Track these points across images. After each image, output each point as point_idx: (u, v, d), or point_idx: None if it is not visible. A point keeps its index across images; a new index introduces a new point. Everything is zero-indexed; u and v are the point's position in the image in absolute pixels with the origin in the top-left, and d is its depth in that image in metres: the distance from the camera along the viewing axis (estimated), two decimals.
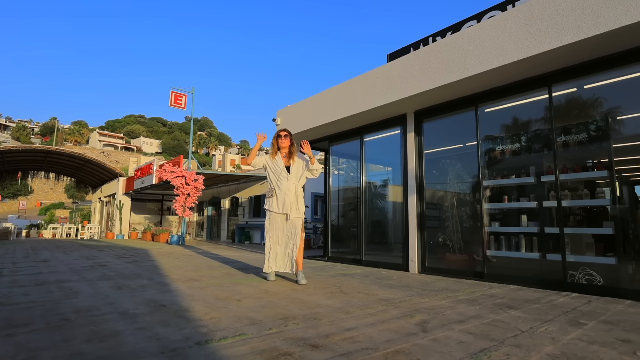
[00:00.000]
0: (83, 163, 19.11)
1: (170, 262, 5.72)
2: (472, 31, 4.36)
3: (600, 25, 3.29)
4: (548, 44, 3.63)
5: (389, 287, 3.69)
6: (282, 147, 3.90)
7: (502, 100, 4.63)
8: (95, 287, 3.36)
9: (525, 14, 3.85)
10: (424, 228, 5.32)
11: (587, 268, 3.71)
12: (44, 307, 2.54)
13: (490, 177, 4.75)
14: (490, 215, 4.70)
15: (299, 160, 3.92)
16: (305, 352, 1.67)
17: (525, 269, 4.28)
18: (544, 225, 4.17)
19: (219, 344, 1.77)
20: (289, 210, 3.75)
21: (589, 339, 1.96)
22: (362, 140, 6.56)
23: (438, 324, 2.22)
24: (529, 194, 4.40)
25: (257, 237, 14.89)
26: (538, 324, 2.28)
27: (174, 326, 2.07)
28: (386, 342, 1.84)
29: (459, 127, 5.28)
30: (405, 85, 5.10)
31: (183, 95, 12.77)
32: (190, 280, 3.82)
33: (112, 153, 75.42)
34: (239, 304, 2.71)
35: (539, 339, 1.94)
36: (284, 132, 3.93)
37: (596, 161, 3.89)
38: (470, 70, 4.29)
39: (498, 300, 3.07)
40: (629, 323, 2.34)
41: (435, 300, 3.02)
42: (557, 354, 1.70)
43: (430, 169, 5.50)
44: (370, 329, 2.09)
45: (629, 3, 3.16)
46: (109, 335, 1.90)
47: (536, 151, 4.39)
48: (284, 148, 3.90)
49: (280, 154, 3.92)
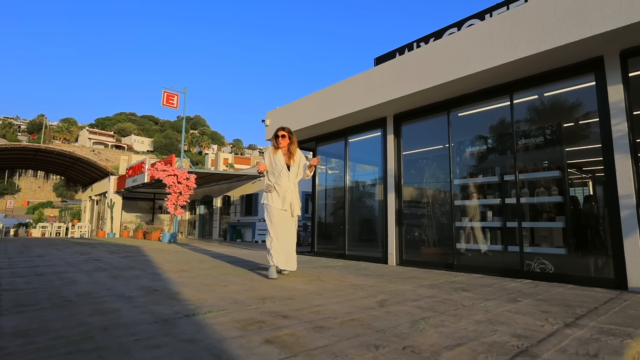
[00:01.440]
0: (73, 161, 19.15)
1: (162, 257, 6.01)
2: (442, 43, 4.74)
3: (549, 41, 3.69)
4: (506, 56, 4.02)
5: (364, 275, 4.05)
6: (282, 147, 3.95)
7: (472, 106, 5.02)
8: (92, 277, 3.65)
9: (488, 29, 4.24)
10: (401, 224, 5.70)
11: (541, 258, 4.12)
12: (47, 292, 2.83)
13: (460, 176, 5.14)
14: (460, 212, 5.09)
15: (298, 159, 3.99)
16: (276, 321, 2.01)
17: (490, 260, 4.67)
18: (506, 220, 4.57)
19: (204, 316, 2.10)
20: (290, 206, 3.81)
21: (516, 311, 2.33)
22: (347, 141, 6.92)
23: (395, 302, 2.58)
24: (494, 192, 4.80)
25: (248, 235, 15.17)
26: (481, 301, 2.65)
27: (165, 304, 2.39)
28: (346, 314, 2.19)
29: (434, 130, 5.66)
30: (384, 91, 5.46)
31: (175, 95, 12.99)
32: (181, 271, 4.13)
33: (103, 151, 74.71)
34: (225, 288, 3.04)
35: (474, 311, 2.31)
36: (281, 132, 3.96)
37: (551, 162, 4.30)
38: (440, 78, 4.66)
39: (457, 285, 3.45)
40: (558, 300, 2.73)
41: (401, 285, 3.39)
42: (482, 320, 2.07)
43: (408, 169, 5.87)
44: (336, 305, 2.44)
45: (573, 23, 3.56)
46: (109, 311, 2.21)
47: (500, 153, 4.78)
48: (283, 147, 3.95)
49: (281, 151, 3.95)
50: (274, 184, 3.85)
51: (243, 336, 1.71)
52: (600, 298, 2.90)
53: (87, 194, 23.26)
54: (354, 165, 7.02)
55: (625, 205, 3.56)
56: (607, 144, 3.71)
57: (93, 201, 22.25)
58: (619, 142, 3.64)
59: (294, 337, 1.71)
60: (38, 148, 17.57)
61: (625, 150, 3.60)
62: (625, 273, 3.50)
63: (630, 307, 2.57)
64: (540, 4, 3.85)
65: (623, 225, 3.56)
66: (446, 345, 1.62)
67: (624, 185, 3.58)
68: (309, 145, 7.97)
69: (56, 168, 21.29)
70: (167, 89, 12.62)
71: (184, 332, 1.77)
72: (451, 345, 1.62)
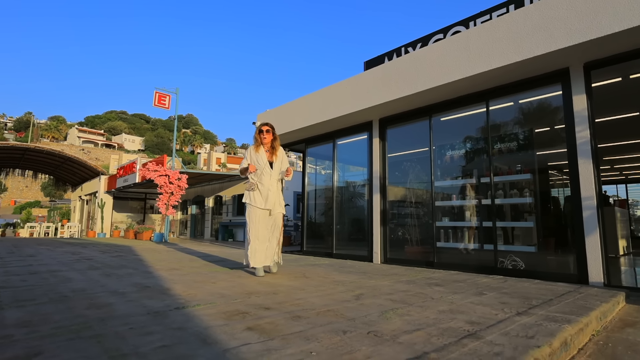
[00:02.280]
0: (63, 161, 19.04)
1: (153, 256, 6.15)
2: (423, 52, 4.98)
3: (520, 53, 3.96)
4: (481, 66, 4.28)
5: (347, 273, 4.27)
6: (265, 143, 3.88)
7: (451, 112, 5.28)
8: (86, 275, 3.81)
9: (465, 40, 4.49)
10: (386, 223, 5.94)
11: (513, 255, 4.39)
12: (42, 288, 2.99)
13: (441, 178, 5.40)
14: (441, 212, 5.34)
15: (281, 156, 3.94)
16: (259, 312, 2.21)
17: (467, 258, 4.93)
18: (482, 220, 4.83)
19: (193, 309, 2.29)
20: (273, 205, 3.78)
21: (478, 302, 2.57)
22: (335, 143, 7.14)
23: (370, 295, 2.80)
24: (472, 193, 5.06)
25: (240, 235, 15.30)
26: (449, 294, 2.89)
27: (157, 299, 2.58)
28: (323, 306, 2.40)
29: (417, 134, 5.91)
30: (370, 96, 5.69)
31: (167, 96, 13.07)
32: (172, 270, 4.30)
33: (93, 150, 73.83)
34: (214, 285, 3.23)
35: (440, 303, 2.54)
36: (265, 126, 3.90)
37: (523, 166, 4.57)
38: (422, 85, 4.91)
39: (432, 281, 3.69)
40: (520, 294, 2.98)
41: (380, 281, 3.61)
42: (445, 310, 2.30)
43: (393, 171, 6.12)
44: (316, 299, 2.65)
45: (540, 37, 3.83)
46: (104, 305, 2.39)
47: (477, 156, 5.05)
48: (266, 143, 3.89)
49: (263, 148, 3.90)
50: (257, 183, 3.80)
51: (227, 324, 1.91)
52: (559, 291, 3.16)
53: (77, 194, 23.11)
54: (342, 167, 7.25)
55: (587, 207, 3.84)
56: (572, 149, 3.99)
57: (83, 201, 22.13)
58: (582, 147, 3.92)
59: (273, 325, 1.92)
60: (27, 147, 17.45)
61: (588, 155, 3.88)
62: (587, 269, 3.79)
63: (582, 299, 2.83)
64: (512, 19, 4.11)
65: (585, 225, 3.84)
66: (406, 330, 1.84)
67: (586, 187, 3.86)
68: (299, 147, 8.17)
69: (45, 167, 21.13)
70: (159, 89, 12.70)
71: (174, 322, 1.96)
72: (410, 330, 1.84)
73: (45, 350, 1.49)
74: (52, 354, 1.44)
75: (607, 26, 3.45)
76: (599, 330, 2.32)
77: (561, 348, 1.74)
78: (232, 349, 1.53)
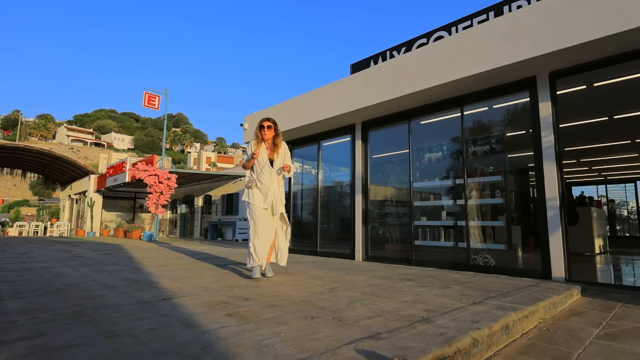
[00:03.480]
0: (53, 160, 18.95)
1: (143, 254, 6.32)
2: (402, 59, 5.24)
3: (489, 63, 4.24)
4: (455, 74, 4.55)
5: (327, 269, 4.51)
6: (266, 139, 3.72)
7: (429, 116, 5.55)
8: (78, 271, 3.98)
9: (440, 49, 4.76)
10: (367, 222, 6.19)
11: (484, 253, 4.68)
12: (39, 283, 3.17)
13: (419, 179, 5.67)
14: (419, 212, 5.61)
15: (283, 153, 3.77)
16: (239, 302, 2.44)
17: (442, 255, 5.21)
18: (457, 219, 5.11)
19: (179, 300, 2.50)
20: (273, 204, 3.63)
21: (441, 294, 2.83)
22: (320, 145, 7.37)
23: (344, 288, 3.04)
24: (448, 194, 5.34)
25: (229, 234, 15.45)
26: (417, 288, 3.15)
27: (146, 291, 2.79)
28: (298, 297, 2.64)
29: (397, 137, 6.16)
30: (352, 100, 5.94)
31: (157, 97, 13.16)
32: (161, 266, 4.50)
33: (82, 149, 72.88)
34: (200, 279, 3.44)
35: (406, 294, 2.80)
36: (267, 122, 3.72)
37: (495, 168, 4.86)
38: (400, 91, 5.17)
39: (406, 276, 3.95)
40: (482, 287, 3.26)
41: (356, 276, 3.86)
42: (408, 300, 2.55)
43: (374, 172, 6.37)
44: (293, 291, 2.88)
45: (508, 48, 4.11)
46: (97, 297, 2.59)
47: (453, 159, 5.33)
48: (267, 140, 3.73)
49: (264, 144, 3.74)
50: (256, 180, 3.67)
51: (209, 312, 2.13)
52: (519, 285, 3.45)
53: (66, 193, 22.97)
54: (327, 168, 7.49)
55: (551, 207, 4.14)
56: (538, 153, 4.28)
57: (72, 200, 22.02)
58: (547, 151, 4.22)
59: (250, 312, 2.15)
60: (16, 146, 17.34)
61: (552, 159, 4.18)
62: (550, 265, 4.08)
63: (537, 291, 3.11)
64: (483, 30, 4.39)
65: (549, 224, 4.13)
66: (368, 316, 2.08)
67: (550, 189, 4.16)
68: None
69: (35, 166, 20.97)
70: (149, 90, 12.79)
71: (162, 310, 2.18)
72: (371, 316, 2.09)
73: (48, 332, 1.70)
74: (54, 335, 1.65)
75: (567, 39, 3.73)
76: (546, 319, 2.59)
77: (502, 331, 2.00)
78: (211, 330, 1.76)
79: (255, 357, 1.41)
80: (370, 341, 1.62)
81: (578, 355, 1.84)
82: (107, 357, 1.39)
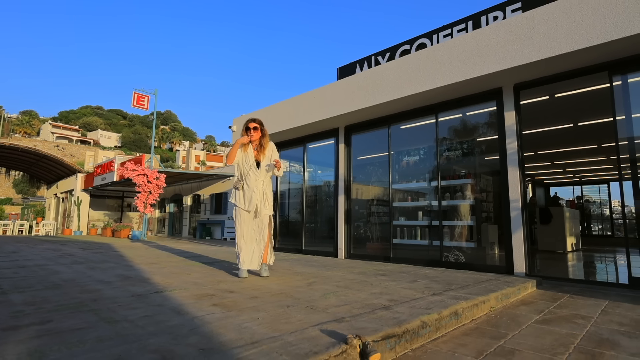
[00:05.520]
0: (39, 158, 18.79)
1: (133, 253, 6.52)
2: (381, 68, 5.56)
3: (460, 75, 4.59)
4: (429, 84, 4.89)
5: (310, 266, 4.80)
6: (253, 140, 3.78)
7: (407, 122, 5.89)
8: (72, 268, 4.20)
9: (416, 61, 5.09)
10: (350, 222, 6.51)
11: (456, 250, 5.04)
12: (35, 279, 3.38)
13: (398, 181, 6.01)
14: (398, 212, 5.96)
15: (269, 154, 3.81)
16: (224, 294, 2.71)
17: (418, 253, 5.56)
18: (432, 219, 5.47)
19: (170, 292, 2.77)
20: (256, 207, 3.68)
21: (407, 287, 3.16)
22: (305, 147, 7.66)
23: (321, 282, 3.34)
24: (424, 195, 5.69)
25: (217, 233, 15.63)
26: (388, 282, 3.47)
27: (139, 286, 3.04)
28: (278, 290, 2.93)
29: (378, 140, 6.50)
30: (336, 106, 6.24)
31: (146, 97, 13.24)
32: (151, 264, 4.73)
33: (67, 146, 71.55)
34: (189, 275, 3.70)
35: (376, 287, 3.11)
36: (252, 123, 3.76)
37: (466, 171, 5.22)
38: (380, 98, 5.49)
39: (381, 272, 4.27)
40: (447, 281, 3.60)
41: (335, 272, 4.17)
42: (376, 292, 2.87)
43: (357, 174, 6.69)
44: (274, 285, 3.17)
45: (476, 62, 4.47)
46: (94, 290, 2.84)
47: (429, 162, 5.68)
48: (254, 141, 3.79)
49: (251, 145, 3.79)
50: (242, 182, 3.74)
51: (197, 302, 2.41)
52: (482, 279, 3.80)
53: (52, 191, 22.75)
54: (312, 169, 7.78)
55: (514, 208, 4.52)
56: (503, 158, 4.66)
57: (59, 199, 21.83)
58: (511, 157, 4.59)
59: (233, 302, 2.43)
60: (1, 145, 17.16)
61: (515, 163, 4.55)
62: (513, 261, 4.46)
63: (494, 284, 3.46)
64: (454, 45, 4.73)
65: (512, 223, 4.51)
66: (336, 305, 2.39)
67: (513, 191, 4.54)
68: None
69: (19, 164, 20.73)
70: (138, 90, 12.86)
71: (154, 301, 2.44)
72: (339, 305, 2.39)
73: (54, 319, 1.95)
74: (60, 321, 1.91)
75: (527, 55, 4.10)
76: (497, 308, 2.94)
77: (450, 316, 2.32)
78: (199, 317, 2.04)
79: (235, 335, 1.70)
80: (334, 324, 1.92)
81: (513, 336, 2.17)
82: (110, 337, 1.66)
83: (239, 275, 3.66)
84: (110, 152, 62.37)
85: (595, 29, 3.63)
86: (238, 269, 3.71)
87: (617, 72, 3.95)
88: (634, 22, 3.41)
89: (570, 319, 2.58)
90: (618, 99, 3.92)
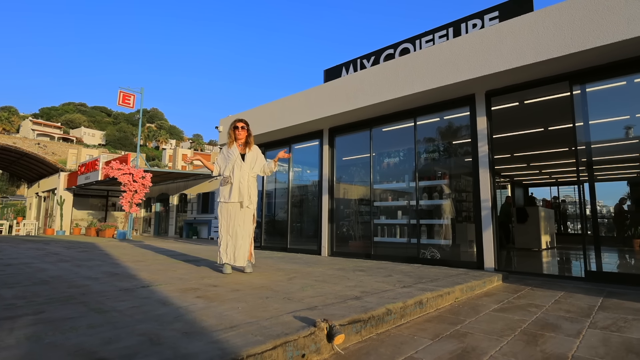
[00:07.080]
0: (19, 156, 18.45)
1: (118, 251, 6.59)
2: (362, 74, 5.80)
3: (434, 82, 4.85)
4: (407, 90, 5.15)
5: (293, 263, 5.00)
6: (239, 139, 3.89)
7: (387, 125, 6.14)
8: (58, 266, 4.29)
9: (395, 67, 5.34)
10: (333, 221, 6.73)
11: (432, 248, 5.31)
12: (23, 276, 3.48)
13: (379, 181, 6.26)
14: (379, 211, 6.20)
15: (255, 151, 3.94)
16: (207, 288, 2.89)
17: (397, 250, 5.82)
18: (410, 218, 5.73)
19: (156, 287, 2.92)
20: (242, 197, 3.72)
21: (381, 281, 3.39)
22: (291, 148, 7.84)
23: (301, 277, 3.54)
24: (403, 195, 5.95)
25: (204, 233, 15.66)
26: (363, 276, 3.69)
27: (126, 281, 3.18)
28: (260, 284, 3.11)
29: (361, 142, 6.73)
30: (319, 109, 6.45)
31: (132, 95, 13.19)
32: (138, 262, 4.84)
33: (49, 144, 69.71)
34: (174, 272, 3.85)
35: (352, 281, 3.33)
36: (240, 122, 3.87)
37: (442, 173, 5.50)
38: (361, 102, 5.72)
39: (359, 268, 4.50)
40: (419, 276, 3.84)
41: (316, 269, 4.37)
42: (350, 285, 3.08)
43: (340, 174, 6.91)
44: (257, 280, 3.36)
45: (450, 70, 4.74)
46: (82, 285, 2.97)
47: (408, 163, 5.94)
48: (240, 139, 3.90)
49: (236, 143, 3.90)
50: (229, 176, 3.79)
51: (182, 295, 2.57)
52: (451, 274, 4.06)
53: (34, 190, 22.31)
54: (297, 170, 7.97)
55: (484, 207, 4.81)
56: (475, 160, 4.94)
57: (40, 198, 21.43)
58: (482, 160, 4.88)
59: (216, 294, 2.61)
60: None
61: (486, 166, 4.84)
62: (483, 257, 4.75)
63: (463, 278, 3.72)
64: (430, 53, 5.00)
65: (483, 221, 4.80)
66: (312, 296, 2.59)
67: (484, 192, 4.82)
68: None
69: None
70: (124, 88, 12.80)
71: (141, 294, 2.60)
72: (315, 296, 2.60)
73: (47, 310, 2.10)
74: (52, 312, 2.06)
75: (495, 65, 4.39)
76: (462, 299, 3.19)
77: (415, 305, 2.55)
78: (183, 307, 2.21)
79: (215, 322, 1.88)
80: (307, 311, 2.13)
81: (469, 322, 2.42)
82: (101, 323, 1.83)
83: (223, 272, 3.76)
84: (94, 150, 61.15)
85: (556, 42, 3.93)
86: (222, 265, 3.83)
87: (577, 82, 4.27)
88: (589, 37, 3.72)
89: (525, 307, 2.85)
90: (577, 107, 4.24)
